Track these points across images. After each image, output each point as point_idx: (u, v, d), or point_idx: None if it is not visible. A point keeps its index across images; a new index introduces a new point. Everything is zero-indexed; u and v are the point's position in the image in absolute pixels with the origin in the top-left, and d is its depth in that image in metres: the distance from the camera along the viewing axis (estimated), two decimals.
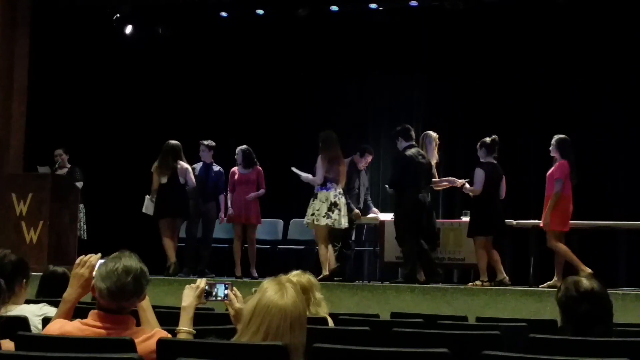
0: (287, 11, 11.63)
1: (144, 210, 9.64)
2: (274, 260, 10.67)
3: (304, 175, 9.12)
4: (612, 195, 10.62)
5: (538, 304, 7.35)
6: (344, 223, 8.86)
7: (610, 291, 3.58)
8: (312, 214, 8.79)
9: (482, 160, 8.75)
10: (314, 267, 9.16)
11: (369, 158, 9.54)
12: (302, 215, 11.12)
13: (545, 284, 8.30)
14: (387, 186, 9.37)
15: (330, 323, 4.41)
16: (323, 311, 4.44)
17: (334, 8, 11.50)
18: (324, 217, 8.70)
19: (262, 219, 10.08)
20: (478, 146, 8.82)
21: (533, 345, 3.46)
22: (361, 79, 12.13)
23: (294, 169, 9.26)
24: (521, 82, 11.18)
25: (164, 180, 9.45)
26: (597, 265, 9.10)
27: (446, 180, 9.22)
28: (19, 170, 10.70)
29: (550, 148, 8.47)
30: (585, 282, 3.49)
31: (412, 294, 7.89)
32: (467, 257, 9.13)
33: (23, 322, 3.90)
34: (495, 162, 8.78)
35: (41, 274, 5.61)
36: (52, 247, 9.42)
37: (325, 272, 8.66)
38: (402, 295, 7.90)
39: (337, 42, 11.99)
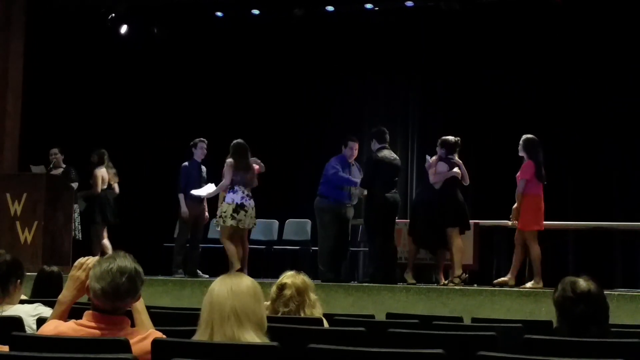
0: (282, 11, 11.63)
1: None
2: (269, 261, 10.67)
3: (205, 193, 9.59)
4: (608, 196, 10.64)
5: (533, 304, 7.35)
6: (250, 224, 9.22)
7: (605, 292, 3.58)
8: (220, 216, 9.12)
9: (442, 156, 8.80)
10: (309, 267, 9.17)
11: (355, 146, 9.43)
12: (298, 215, 11.19)
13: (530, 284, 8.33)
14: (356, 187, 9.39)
15: (325, 324, 4.40)
16: (318, 312, 4.42)
17: (330, 8, 11.50)
18: (229, 218, 9.02)
19: (257, 220, 10.05)
20: (439, 144, 8.86)
21: (528, 346, 3.45)
22: (357, 79, 12.13)
23: (193, 192, 9.66)
24: (517, 83, 11.18)
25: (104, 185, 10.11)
26: (594, 265, 9.13)
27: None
28: (14, 170, 10.67)
29: (518, 148, 8.49)
30: (582, 284, 3.49)
31: (408, 294, 7.89)
32: (464, 258, 9.12)
33: (17, 322, 3.89)
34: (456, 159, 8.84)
35: (36, 274, 5.61)
36: (47, 247, 9.41)
37: (238, 265, 8.93)
38: (398, 295, 7.89)
39: (333, 43, 11.99)
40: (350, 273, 10.45)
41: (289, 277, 4.39)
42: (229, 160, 9.19)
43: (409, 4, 11.32)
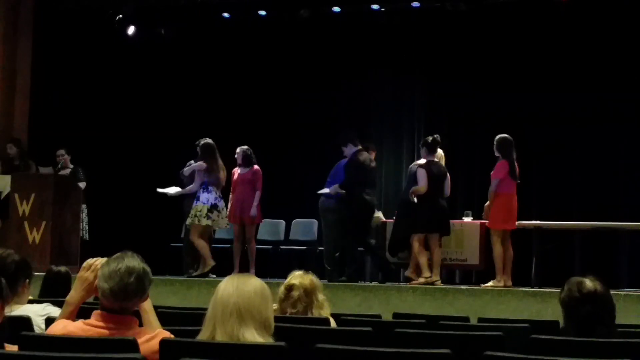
0: (289, 12, 11.64)
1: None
2: (276, 261, 10.68)
3: (173, 191, 9.66)
4: (614, 196, 10.62)
5: (540, 304, 7.36)
6: (222, 224, 9.39)
7: (612, 292, 3.58)
8: (195, 215, 9.23)
9: (423, 158, 8.83)
10: (315, 267, 9.18)
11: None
12: (304, 215, 11.19)
13: (489, 283, 8.36)
14: (333, 188, 9.41)
15: (333, 323, 4.40)
16: (325, 313, 4.41)
17: (336, 9, 11.51)
18: (204, 217, 9.19)
19: (264, 219, 10.07)
20: (420, 145, 8.96)
21: (535, 346, 3.46)
22: (363, 80, 12.12)
23: (159, 190, 9.69)
24: (523, 82, 11.17)
25: None
26: (600, 266, 9.11)
27: None
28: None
29: (493, 148, 8.51)
30: (589, 284, 3.49)
31: (414, 294, 7.90)
32: (469, 258, 9.14)
33: (26, 322, 3.91)
34: (436, 160, 8.81)
35: (44, 274, 5.63)
36: (55, 247, 9.44)
37: (212, 262, 9.16)
38: (404, 295, 7.90)
39: (339, 43, 11.99)
40: (357, 273, 10.45)
41: (297, 278, 4.37)
42: (198, 163, 9.37)
43: (415, 4, 11.32)
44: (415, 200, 8.67)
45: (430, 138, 8.89)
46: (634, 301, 7.17)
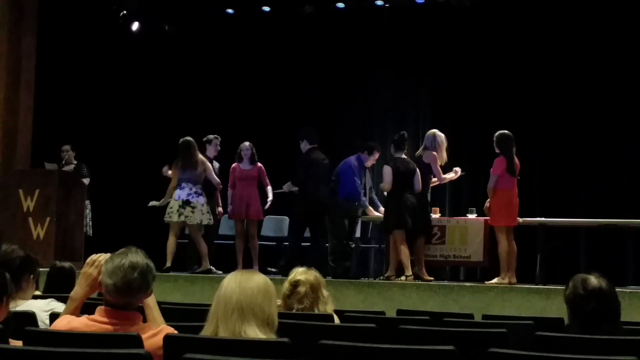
0: (293, 8, 11.64)
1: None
2: (280, 257, 10.66)
3: (158, 203, 9.61)
4: (619, 193, 10.60)
5: (544, 301, 7.35)
6: (202, 219, 9.34)
7: (617, 289, 3.57)
8: (167, 212, 9.33)
9: (393, 155, 8.91)
10: (319, 264, 9.16)
11: (377, 155, 9.56)
12: None
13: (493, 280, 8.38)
14: (287, 185, 9.61)
15: (336, 320, 4.40)
16: (330, 309, 4.43)
17: (340, 5, 11.52)
18: (175, 214, 9.24)
19: (268, 216, 10.04)
20: (390, 142, 9.05)
21: (539, 343, 3.45)
22: (366, 76, 12.12)
23: (151, 203, 9.68)
24: (529, 79, 11.15)
25: None
26: (605, 263, 9.09)
27: (452, 172, 9.32)
28: (27, 166, 10.72)
29: (494, 144, 8.55)
30: (594, 281, 3.48)
31: (418, 291, 7.90)
32: (473, 255, 9.12)
33: (30, 317, 3.92)
34: (404, 157, 8.81)
35: (48, 269, 5.64)
36: (59, 243, 9.46)
37: (169, 264, 9.18)
38: (408, 292, 7.90)
39: (343, 39, 11.98)
40: (360, 270, 10.46)
41: (301, 274, 4.38)
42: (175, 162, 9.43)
43: (420, 0, 11.31)
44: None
45: (397, 135, 9.00)
46: (639, 298, 7.15)
